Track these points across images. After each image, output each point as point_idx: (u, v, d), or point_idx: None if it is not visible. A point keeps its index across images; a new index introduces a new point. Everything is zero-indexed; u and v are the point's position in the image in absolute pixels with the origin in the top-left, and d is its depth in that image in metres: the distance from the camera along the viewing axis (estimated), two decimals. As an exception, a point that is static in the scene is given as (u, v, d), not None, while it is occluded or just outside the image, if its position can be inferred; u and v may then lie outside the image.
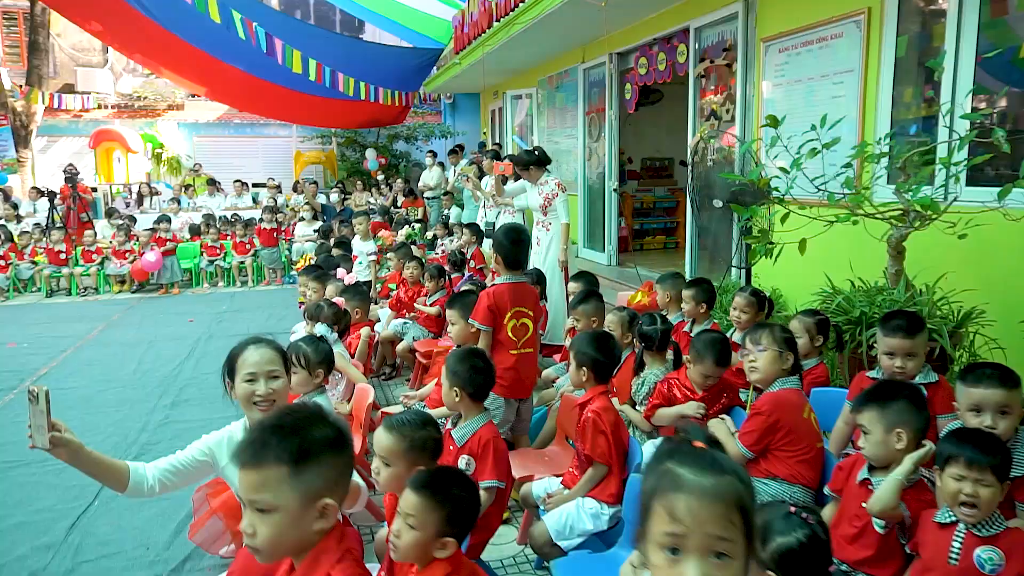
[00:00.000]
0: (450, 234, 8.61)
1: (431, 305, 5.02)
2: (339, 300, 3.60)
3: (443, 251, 8.17)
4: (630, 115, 8.41)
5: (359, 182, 13.67)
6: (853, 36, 4.66)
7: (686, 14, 6.56)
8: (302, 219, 10.46)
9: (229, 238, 9.92)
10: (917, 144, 3.79)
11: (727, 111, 6.07)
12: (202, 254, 9.63)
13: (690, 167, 6.34)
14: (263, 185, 14.19)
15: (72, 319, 7.68)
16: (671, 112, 10.28)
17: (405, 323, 5.09)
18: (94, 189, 13.12)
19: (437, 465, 1.93)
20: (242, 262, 9.58)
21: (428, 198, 11.69)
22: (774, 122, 3.56)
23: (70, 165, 10.66)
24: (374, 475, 1.96)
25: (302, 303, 6.48)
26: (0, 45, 15.84)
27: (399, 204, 11.34)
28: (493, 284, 3.31)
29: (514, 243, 3.31)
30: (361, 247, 6.64)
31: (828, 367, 3.32)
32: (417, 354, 4.81)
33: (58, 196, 10.96)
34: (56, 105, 14.72)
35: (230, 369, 2.14)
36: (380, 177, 13.95)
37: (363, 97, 11.95)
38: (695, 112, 6.61)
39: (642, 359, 3.16)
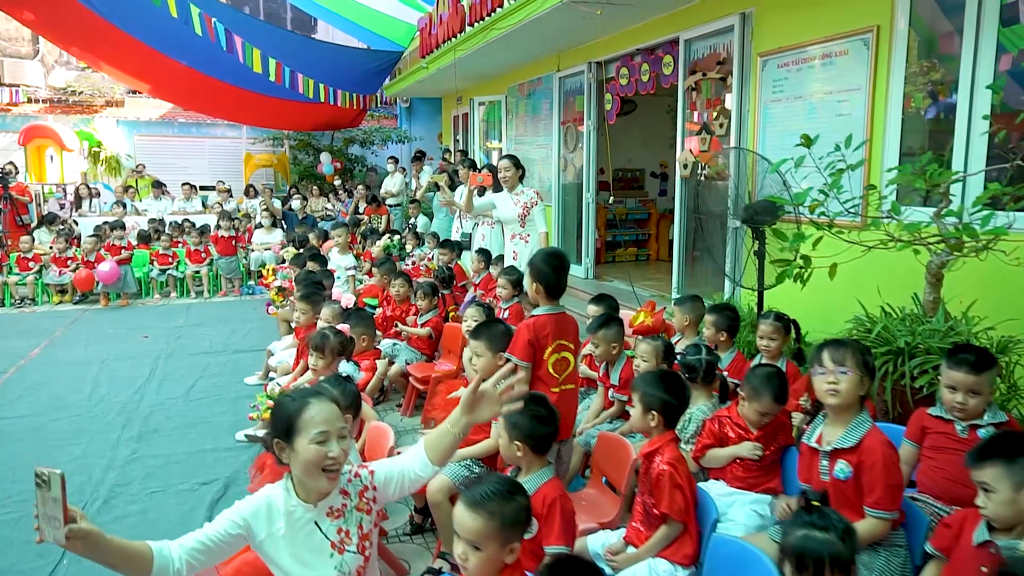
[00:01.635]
0: (420, 244, 8.27)
1: (423, 325, 4.71)
2: (343, 327, 3.27)
3: (414, 262, 7.84)
4: (600, 125, 8.28)
5: (315, 187, 13.15)
6: (860, 54, 4.59)
7: (676, 25, 6.44)
8: (260, 226, 9.93)
9: (181, 246, 9.31)
10: (941, 165, 3.72)
11: (720, 125, 5.97)
12: (152, 263, 8.99)
13: (691, 181, 6.21)
14: (211, 188, 13.51)
15: (9, 334, 7.00)
16: (644, 123, 10.25)
17: (395, 344, 4.75)
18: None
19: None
20: (197, 272, 8.98)
21: (391, 205, 11.30)
22: (808, 141, 3.42)
23: (10, 163, 9.84)
24: (460, 561, 1.67)
25: (290, 321, 6.10)
26: (-83, 32, 14.62)
27: (360, 211, 10.91)
28: (532, 315, 2.98)
29: (556, 270, 2.95)
30: (339, 261, 6.25)
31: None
32: (411, 379, 4.49)
33: (-12, 197, 10.10)
34: (-19, 98, 13.68)
35: (287, 429, 1.82)
36: (337, 182, 13.46)
37: (321, 99, 11.51)
38: (683, 125, 6.49)
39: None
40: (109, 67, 11.83)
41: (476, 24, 8.16)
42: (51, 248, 8.67)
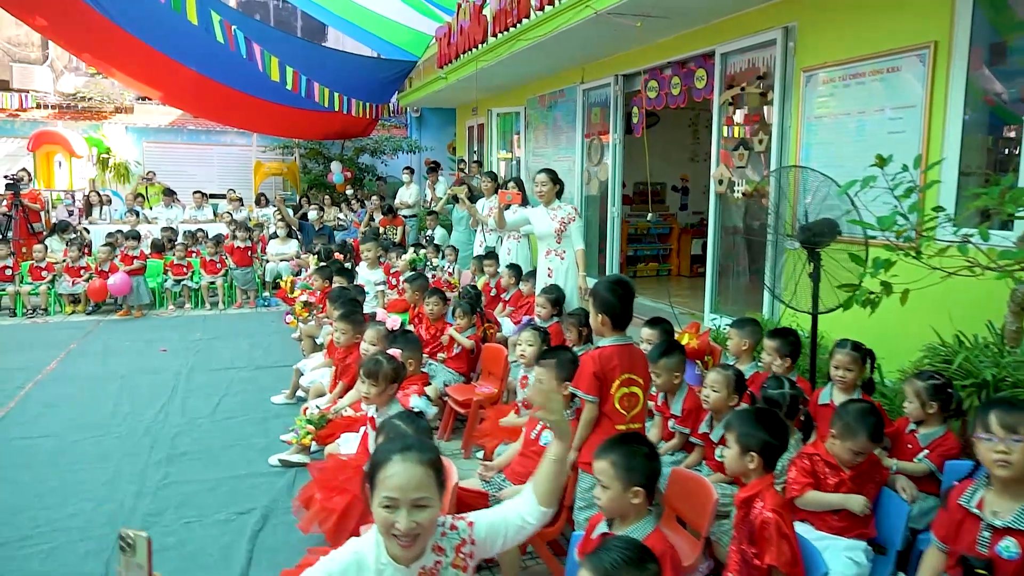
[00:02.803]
0: (440, 257, 8.11)
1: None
2: (395, 352, 3.10)
3: (434, 275, 7.68)
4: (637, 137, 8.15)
5: (327, 196, 13.01)
6: (915, 69, 4.46)
7: (712, 38, 6.32)
8: (275, 236, 9.77)
9: (195, 255, 9.14)
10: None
11: (760, 141, 5.83)
12: (166, 273, 8.82)
13: (726, 196, 6.06)
14: (221, 196, 13.35)
15: (23, 346, 6.82)
16: (665, 137, 10.12)
17: (430, 364, 4.58)
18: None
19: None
20: (212, 283, 8.81)
21: (406, 216, 11.15)
22: (882, 161, 3.27)
23: (23, 170, 9.67)
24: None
25: (305, 336, 5.91)
26: (-74, 36, 14.48)
27: (375, 222, 10.75)
28: (599, 346, 2.81)
29: (622, 298, 2.79)
30: (369, 276, 6.07)
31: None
32: (449, 401, 4.32)
33: (2, 204, 9.94)
34: (-9, 103, 13.55)
35: (371, 477, 1.64)
36: (349, 192, 13.30)
37: (336, 108, 11.40)
38: (718, 140, 6.36)
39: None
40: (121, 74, 11.72)
41: (500, 34, 8.04)
42: (65, 258, 8.49)
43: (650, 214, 6.85)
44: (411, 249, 7.48)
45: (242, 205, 12.63)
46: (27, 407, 5.06)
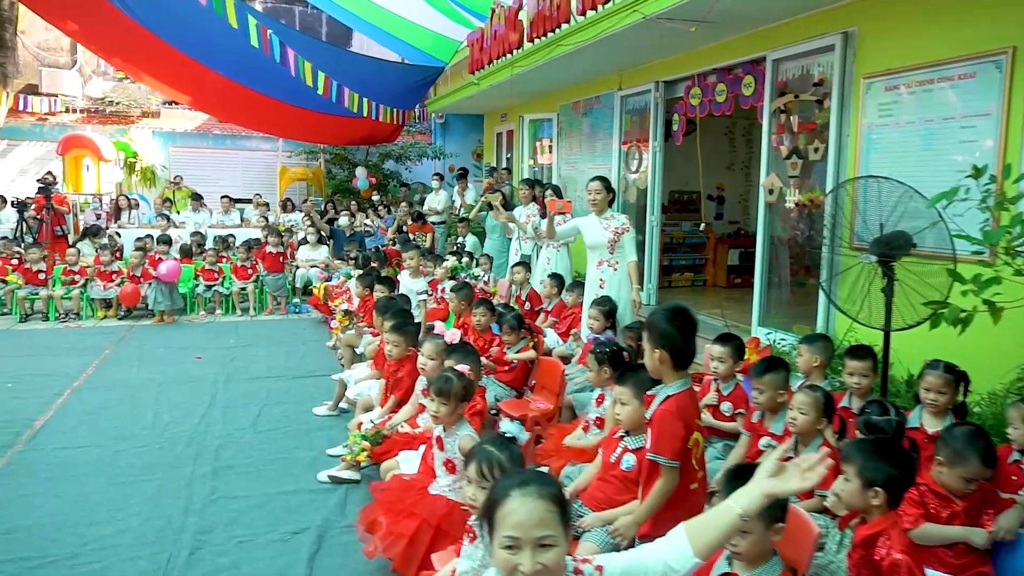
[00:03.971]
0: (475, 265, 7.97)
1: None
2: (464, 368, 2.96)
3: (472, 285, 7.54)
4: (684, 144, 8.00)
5: (353, 202, 12.93)
6: (990, 77, 4.27)
7: (762, 44, 6.15)
8: (304, 242, 9.67)
9: (225, 261, 9.07)
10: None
11: (815, 150, 5.65)
12: (197, 278, 8.74)
13: (777, 207, 5.89)
14: (247, 201, 13.33)
15: (58, 351, 6.75)
16: (701, 144, 9.91)
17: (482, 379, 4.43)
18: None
19: None
20: (243, 288, 8.72)
21: (434, 223, 11.04)
22: (977, 173, 3.09)
23: (48, 173, 9.67)
24: None
25: (339, 346, 5.77)
26: (-42, 40, 14.57)
27: (404, 229, 10.64)
28: (668, 395, 2.44)
29: (684, 331, 2.42)
30: (411, 285, 5.94)
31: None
32: (501, 416, 4.15)
33: (31, 207, 9.93)
34: (21, 107, 13.59)
35: (489, 514, 1.49)
36: (375, 197, 13.22)
37: (364, 113, 11.32)
38: (769, 148, 6.18)
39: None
40: (150, 78, 11.73)
41: (536, 40, 7.92)
42: (97, 264, 8.43)
43: (701, 223, 6.66)
44: (451, 257, 7.34)
45: (268, 210, 12.58)
46: (66, 416, 4.96)
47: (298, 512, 3.57)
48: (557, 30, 7.40)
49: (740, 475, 1.91)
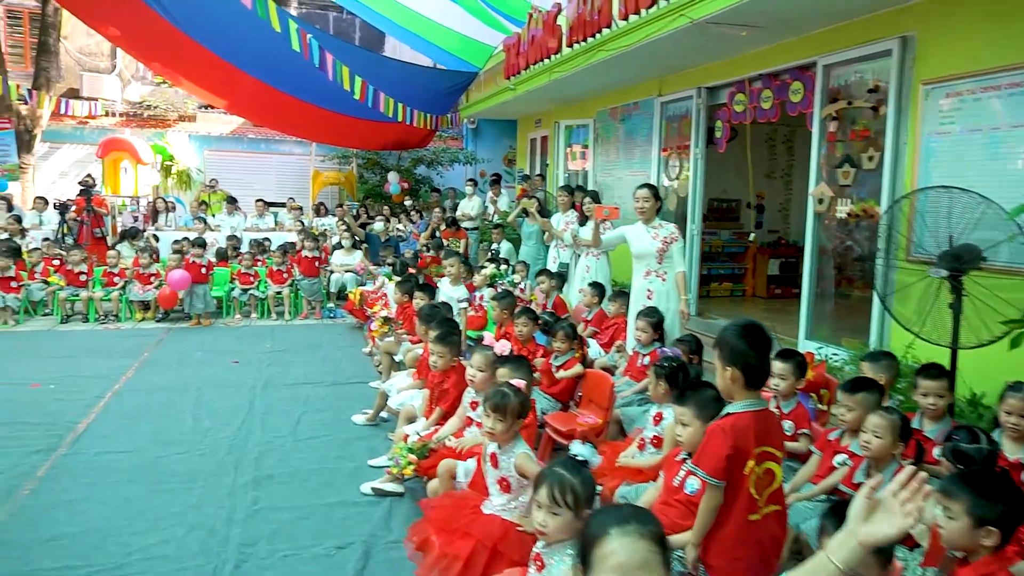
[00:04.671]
0: (511, 272, 7.87)
1: (561, 368, 4.29)
2: (519, 383, 2.85)
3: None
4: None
5: (386, 207, 12.92)
6: (1064, 83, 4.07)
7: (813, 49, 5.98)
8: (339, 246, 9.66)
9: (261, 264, 9.08)
10: None
11: (869, 159, 5.47)
12: (233, 281, 8.77)
13: (825, 217, 5.70)
14: (280, 205, 13.39)
15: (98, 352, 6.78)
16: (741, 151, 9.74)
17: (525, 389, 4.32)
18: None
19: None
20: (279, 292, 8.72)
21: (468, 229, 10.97)
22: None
23: (88, 175, 9.78)
24: None
25: (372, 353, 5.71)
26: (3, 45, 14.88)
27: (437, 235, 10.59)
28: (727, 413, 2.35)
29: (758, 348, 2.30)
30: (451, 293, 5.85)
31: None
32: (548, 430, 4.05)
33: (71, 209, 10.07)
34: (63, 110, 13.83)
35: (584, 552, 1.38)
36: (408, 203, 13.20)
37: (399, 118, 11.31)
38: (819, 157, 6.00)
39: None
40: (188, 82, 11.85)
41: (576, 45, 7.81)
42: (136, 266, 8.50)
43: (752, 234, 6.48)
44: (490, 264, 7.25)
45: (302, 213, 12.63)
46: (108, 419, 4.95)
47: (342, 526, 3.49)
48: (598, 35, 7.29)
49: (840, 512, 1.78)
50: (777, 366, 3.43)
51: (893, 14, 5.21)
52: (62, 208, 10.46)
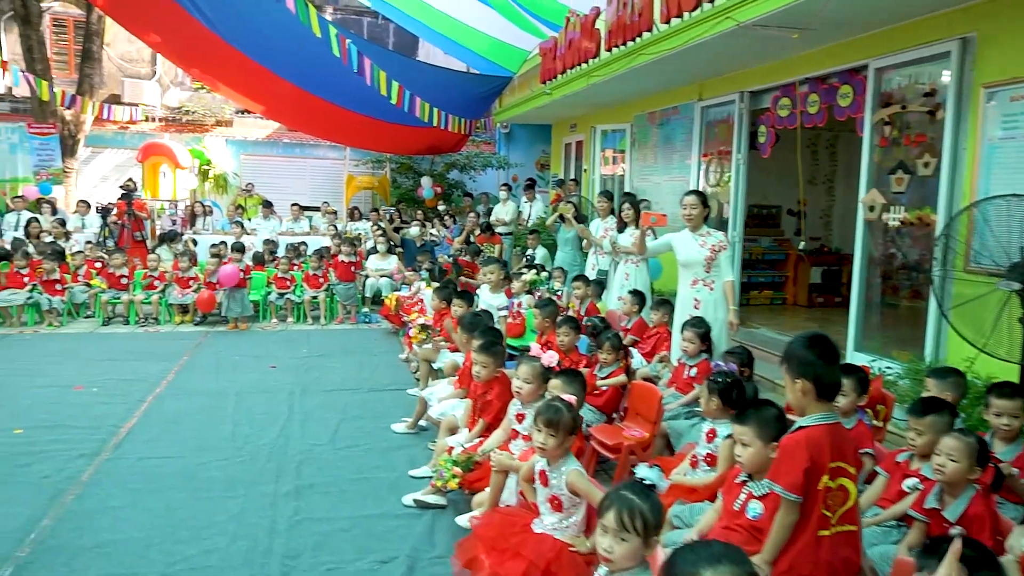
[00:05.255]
0: (549, 278, 7.78)
1: (607, 377, 4.18)
2: (570, 398, 2.76)
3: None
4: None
5: (419, 211, 12.92)
6: None
7: (864, 51, 5.80)
8: (374, 251, 9.67)
9: (297, 268, 9.12)
10: None
11: (925, 165, 5.27)
12: (270, 285, 8.81)
13: (877, 224, 5.51)
14: (315, 209, 13.47)
15: (139, 355, 6.84)
16: (781, 157, 9.52)
17: (567, 401, 4.22)
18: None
19: None
20: (315, 297, 8.75)
21: (502, 234, 10.91)
22: None
23: (130, 180, 9.93)
24: None
25: (408, 360, 5.68)
26: (49, 53, 15.23)
27: (472, 240, 10.55)
28: (800, 426, 2.28)
29: (828, 358, 2.27)
30: (491, 300, 5.78)
31: None
32: (593, 443, 3.95)
33: (113, 212, 10.23)
34: (105, 116, 14.10)
35: None
36: (441, 207, 13.19)
37: (435, 123, 11.30)
38: (870, 162, 5.81)
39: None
40: (226, 88, 11.99)
41: (615, 49, 7.70)
42: (175, 270, 8.59)
43: (802, 242, 6.30)
44: (529, 270, 7.17)
45: (336, 218, 12.69)
46: (149, 423, 4.97)
47: (385, 539, 3.43)
48: (638, 39, 7.18)
49: (935, 550, 1.67)
50: (929, 383, 3.30)
51: (952, 15, 5.02)
52: (104, 212, 10.64)
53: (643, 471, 2.25)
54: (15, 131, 13.26)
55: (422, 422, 4.82)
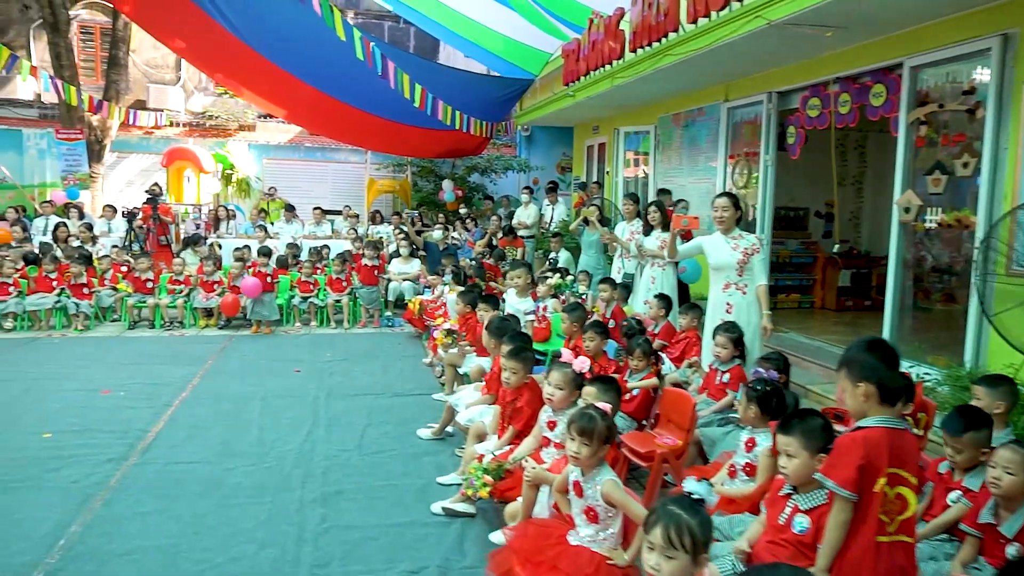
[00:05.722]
0: (573, 281, 7.70)
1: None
2: (605, 406, 2.69)
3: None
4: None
5: (440, 215, 12.91)
6: None
7: (898, 49, 5.66)
8: (397, 254, 9.65)
9: (320, 272, 9.13)
10: None
11: (964, 165, 5.13)
12: (293, 289, 8.82)
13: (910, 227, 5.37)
14: (336, 213, 13.51)
15: (164, 359, 6.87)
16: (808, 158, 9.36)
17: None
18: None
19: None
20: (338, 301, 8.74)
21: (524, 237, 10.85)
22: None
23: (155, 184, 10.01)
24: None
25: (431, 364, 5.66)
26: (77, 59, 15.46)
27: (494, 243, 10.50)
28: (860, 427, 2.22)
29: (890, 362, 2.21)
30: (518, 305, 5.72)
31: None
32: (625, 450, 3.86)
33: (139, 216, 10.32)
34: (131, 121, 14.26)
35: None
36: (463, 211, 13.16)
37: (456, 126, 11.27)
38: (906, 163, 5.67)
39: None
40: (250, 92, 12.05)
41: (640, 50, 7.61)
42: (200, 273, 8.63)
43: (835, 244, 6.17)
44: (554, 274, 7.10)
45: (358, 221, 12.71)
46: (176, 428, 4.96)
47: (414, 548, 3.37)
48: (664, 39, 7.08)
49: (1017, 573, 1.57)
50: (977, 390, 3.19)
51: (991, 11, 4.88)
52: (130, 216, 10.74)
53: (691, 485, 2.16)
54: (43, 137, 13.44)
55: (448, 427, 4.76)
